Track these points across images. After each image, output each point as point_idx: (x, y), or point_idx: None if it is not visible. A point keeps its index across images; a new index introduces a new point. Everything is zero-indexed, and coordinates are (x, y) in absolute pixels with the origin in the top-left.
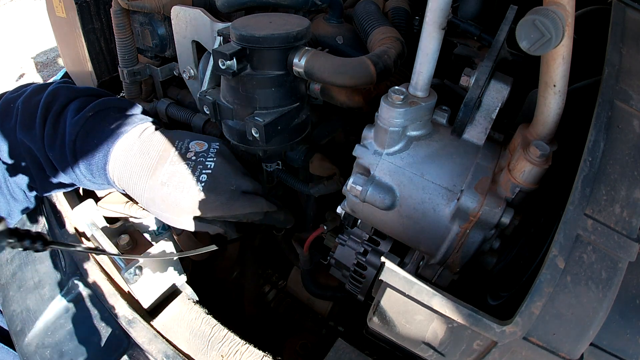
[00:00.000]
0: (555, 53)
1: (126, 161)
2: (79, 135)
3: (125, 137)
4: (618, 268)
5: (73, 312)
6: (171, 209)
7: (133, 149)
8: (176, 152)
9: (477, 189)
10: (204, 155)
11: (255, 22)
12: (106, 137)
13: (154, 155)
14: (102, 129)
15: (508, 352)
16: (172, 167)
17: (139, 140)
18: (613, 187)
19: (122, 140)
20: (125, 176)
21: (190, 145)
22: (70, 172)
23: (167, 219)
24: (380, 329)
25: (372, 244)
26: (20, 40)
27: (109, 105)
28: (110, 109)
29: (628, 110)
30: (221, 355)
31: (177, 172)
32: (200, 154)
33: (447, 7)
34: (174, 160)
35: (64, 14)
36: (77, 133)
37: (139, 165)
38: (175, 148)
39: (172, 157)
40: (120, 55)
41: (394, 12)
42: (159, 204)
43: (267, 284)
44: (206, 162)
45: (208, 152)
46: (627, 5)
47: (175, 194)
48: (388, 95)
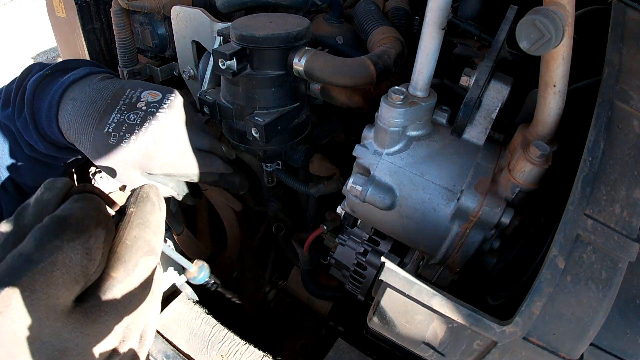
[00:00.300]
0: (555, 53)
1: (73, 110)
2: (35, 92)
3: (74, 85)
4: (618, 268)
5: None
6: (116, 161)
7: (80, 96)
8: (125, 100)
9: (477, 189)
10: (156, 105)
11: (255, 22)
12: (56, 88)
13: (100, 103)
14: (55, 82)
15: (508, 352)
16: (119, 115)
17: (87, 87)
18: (613, 187)
19: (71, 88)
20: (72, 126)
21: (142, 94)
22: (32, 136)
23: (112, 172)
24: (380, 329)
25: (372, 244)
26: (20, 40)
27: (70, 65)
28: (69, 68)
29: (628, 110)
30: (221, 355)
31: (124, 121)
32: (152, 104)
33: (447, 7)
34: (122, 109)
35: (64, 14)
36: (33, 91)
37: (84, 114)
38: (125, 96)
39: (120, 106)
40: (120, 55)
41: (394, 12)
42: (103, 155)
43: (267, 284)
44: (157, 113)
45: (161, 104)
46: (627, 5)
47: (120, 145)
48: (388, 95)
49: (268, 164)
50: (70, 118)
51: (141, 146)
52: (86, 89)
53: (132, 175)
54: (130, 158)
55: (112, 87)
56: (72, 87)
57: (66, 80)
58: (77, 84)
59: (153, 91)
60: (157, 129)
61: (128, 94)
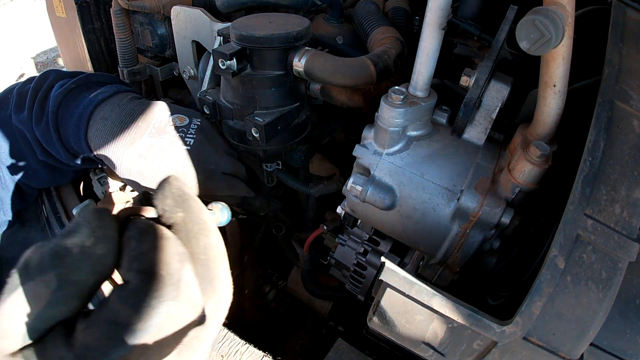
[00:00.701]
0: (555, 53)
1: (104, 129)
2: (60, 105)
3: (104, 104)
4: (618, 268)
5: None
6: (147, 181)
7: (111, 117)
8: (155, 124)
9: (477, 189)
10: (184, 130)
11: (255, 22)
12: (85, 105)
13: (131, 125)
14: (82, 98)
15: (508, 352)
16: (151, 139)
17: (117, 108)
18: (613, 187)
19: (100, 107)
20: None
21: (171, 118)
22: (54, 145)
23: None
24: (380, 329)
25: (372, 244)
26: (20, 40)
27: (92, 79)
28: (93, 82)
29: (628, 110)
30: (221, 355)
31: (155, 145)
32: (181, 128)
33: (447, 7)
34: (153, 133)
35: (64, 14)
36: (58, 104)
37: (115, 135)
38: (155, 120)
39: (150, 129)
40: (120, 55)
41: (394, 12)
42: (135, 175)
43: (267, 284)
44: (185, 138)
45: (188, 128)
46: (627, 5)
47: (152, 166)
48: (388, 95)
49: (268, 164)
50: (101, 137)
51: (170, 169)
52: (116, 109)
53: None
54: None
55: (141, 110)
56: (102, 105)
57: (95, 98)
58: (107, 102)
59: (180, 115)
60: (186, 153)
61: (157, 117)
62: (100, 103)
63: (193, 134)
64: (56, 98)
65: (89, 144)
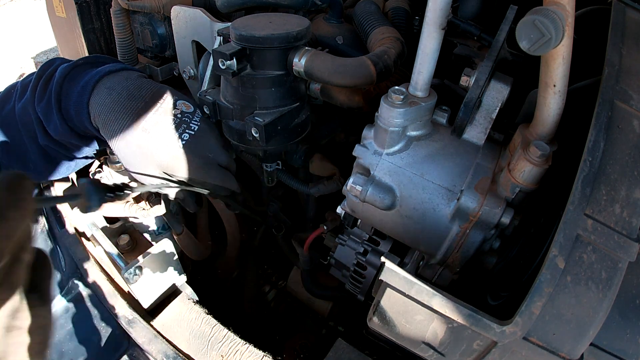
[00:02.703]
0: (555, 53)
1: (109, 99)
2: (66, 78)
3: (112, 76)
4: (618, 268)
5: (73, 312)
6: (144, 157)
7: (117, 88)
8: (163, 104)
9: (477, 189)
10: (189, 116)
11: (255, 22)
12: (92, 75)
13: (139, 99)
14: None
15: (508, 352)
16: (157, 116)
17: (125, 81)
18: (613, 187)
19: (107, 78)
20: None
21: (177, 103)
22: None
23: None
24: (380, 329)
25: (372, 244)
26: (20, 40)
27: (101, 58)
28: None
29: (628, 110)
30: (221, 355)
31: (160, 122)
32: (186, 114)
33: (447, 7)
34: (160, 111)
35: (64, 14)
36: (64, 76)
37: (121, 105)
38: (162, 100)
39: (157, 108)
40: (120, 55)
41: (394, 12)
42: (133, 149)
43: (267, 284)
44: (191, 124)
45: (194, 115)
46: (627, 5)
47: (154, 143)
48: (388, 95)
49: (268, 164)
50: (104, 105)
51: (173, 147)
52: (124, 82)
53: (149, 170)
54: (158, 154)
55: (150, 87)
56: (109, 76)
57: (103, 69)
58: (114, 75)
59: (187, 102)
60: (190, 137)
61: (165, 98)
62: (108, 74)
63: (197, 121)
64: (62, 71)
65: (90, 112)
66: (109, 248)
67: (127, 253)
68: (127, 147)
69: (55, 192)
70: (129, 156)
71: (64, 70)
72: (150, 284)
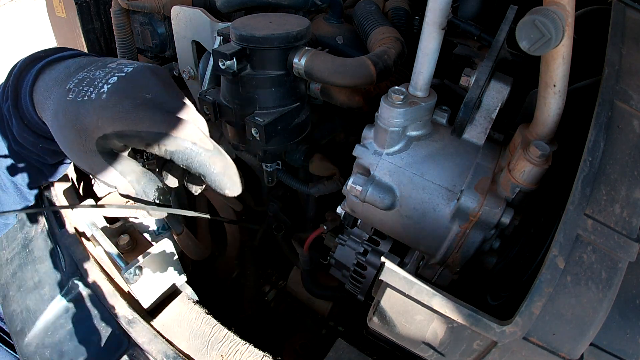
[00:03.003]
0: (555, 53)
1: (48, 78)
2: (23, 70)
3: (61, 61)
4: (618, 268)
5: (73, 312)
6: (70, 123)
7: (58, 66)
8: (99, 63)
9: (477, 189)
10: (126, 64)
11: (255, 22)
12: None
13: (74, 67)
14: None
15: (508, 352)
16: (85, 73)
17: (71, 61)
18: (613, 187)
19: (53, 62)
20: (41, 92)
21: (119, 60)
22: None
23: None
24: (380, 329)
25: (372, 244)
26: (20, 40)
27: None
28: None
29: (628, 110)
30: (221, 355)
31: (86, 77)
32: (125, 63)
33: (447, 7)
34: (92, 69)
35: (64, 14)
36: (21, 70)
37: (54, 79)
38: (100, 61)
39: (91, 67)
40: (120, 55)
41: (394, 12)
42: (60, 118)
43: (267, 284)
44: (125, 68)
45: (135, 64)
46: (627, 5)
47: (76, 102)
48: (388, 95)
49: (268, 164)
50: (43, 86)
51: (95, 100)
52: (67, 61)
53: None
54: (83, 116)
55: (93, 57)
56: (57, 62)
57: (53, 58)
58: (62, 60)
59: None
60: (118, 80)
61: (105, 59)
62: (56, 60)
63: (135, 65)
64: (20, 65)
65: (32, 98)
66: (109, 248)
67: (127, 253)
68: (56, 118)
69: (55, 192)
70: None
71: (22, 64)
72: (150, 284)
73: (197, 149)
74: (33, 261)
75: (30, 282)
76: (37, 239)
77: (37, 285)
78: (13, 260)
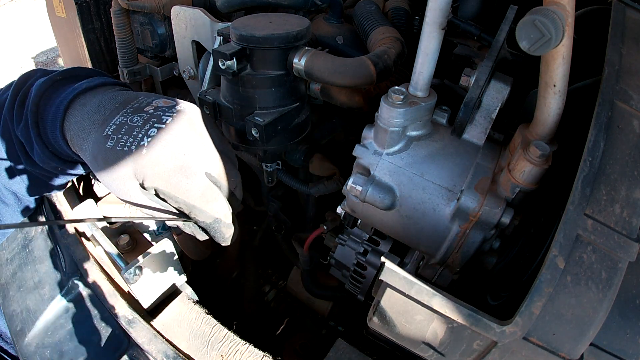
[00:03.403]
0: (555, 53)
1: (81, 115)
2: (42, 97)
3: (88, 92)
4: (618, 268)
5: (73, 312)
6: (110, 169)
7: (90, 102)
8: (135, 105)
9: (477, 189)
10: (164, 109)
11: (255, 22)
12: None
13: (109, 107)
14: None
15: (508, 352)
16: (122, 118)
17: (100, 95)
18: (613, 187)
19: (83, 95)
20: (77, 132)
21: (154, 100)
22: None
23: (109, 185)
24: (380, 329)
25: (372, 244)
26: (20, 40)
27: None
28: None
29: (628, 110)
30: (221, 355)
31: (125, 123)
32: (162, 108)
33: (447, 7)
34: (128, 112)
35: (64, 14)
36: (41, 95)
37: (91, 119)
38: (135, 102)
39: (127, 109)
40: (120, 55)
41: (394, 12)
42: (100, 163)
43: (267, 284)
44: (163, 117)
45: (171, 108)
46: (627, 5)
47: (116, 149)
48: (388, 95)
49: (268, 164)
50: (76, 123)
51: (135, 152)
52: (99, 96)
53: (129, 188)
54: (121, 166)
55: (125, 95)
56: (85, 94)
57: (79, 86)
58: (91, 91)
59: (167, 99)
60: (158, 132)
61: (140, 100)
62: (85, 92)
63: (174, 112)
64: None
65: (65, 134)
66: (109, 248)
67: (127, 253)
68: (96, 162)
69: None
70: (100, 173)
71: (40, 89)
72: (150, 284)
73: (218, 226)
74: (33, 261)
75: (30, 282)
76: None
77: (37, 285)
78: (13, 260)
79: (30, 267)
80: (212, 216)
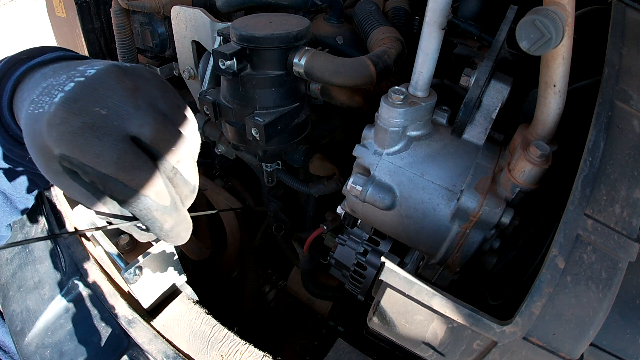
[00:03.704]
0: (555, 53)
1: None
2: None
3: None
4: (618, 268)
5: (73, 312)
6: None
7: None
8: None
9: (477, 189)
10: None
11: (255, 22)
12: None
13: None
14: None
15: (508, 352)
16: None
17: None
18: (613, 187)
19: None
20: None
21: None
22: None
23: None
24: (380, 329)
25: (372, 244)
26: (20, 40)
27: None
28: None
29: (628, 110)
30: (221, 355)
31: (51, 85)
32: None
33: (447, 7)
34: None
35: (64, 14)
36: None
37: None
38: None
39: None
40: (120, 55)
41: (394, 12)
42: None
43: (267, 284)
44: (88, 70)
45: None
46: (627, 5)
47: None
48: (388, 95)
49: (268, 164)
50: (18, 98)
51: (48, 111)
52: (47, 68)
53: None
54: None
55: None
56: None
57: (33, 63)
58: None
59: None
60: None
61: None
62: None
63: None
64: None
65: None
66: (109, 248)
67: (127, 253)
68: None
69: (55, 192)
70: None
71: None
72: (150, 284)
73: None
74: (33, 261)
75: (30, 282)
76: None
77: (37, 285)
78: (13, 260)
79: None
80: (134, 191)
